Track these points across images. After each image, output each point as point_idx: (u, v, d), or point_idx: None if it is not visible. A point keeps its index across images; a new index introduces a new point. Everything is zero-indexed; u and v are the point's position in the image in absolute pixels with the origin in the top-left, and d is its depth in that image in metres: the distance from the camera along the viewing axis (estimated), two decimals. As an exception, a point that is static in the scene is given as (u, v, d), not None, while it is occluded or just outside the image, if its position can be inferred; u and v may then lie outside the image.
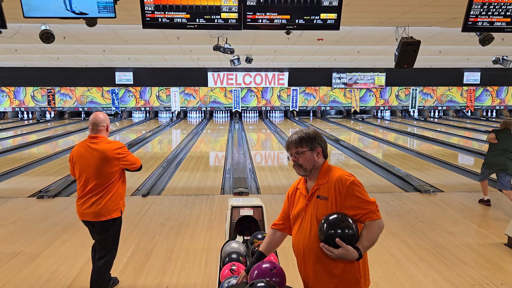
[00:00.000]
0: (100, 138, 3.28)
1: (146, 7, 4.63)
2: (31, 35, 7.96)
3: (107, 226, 3.26)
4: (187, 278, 3.75)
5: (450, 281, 3.67)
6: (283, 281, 2.23)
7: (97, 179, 3.20)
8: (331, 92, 21.29)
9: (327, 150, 2.14)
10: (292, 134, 2.13)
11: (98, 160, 3.19)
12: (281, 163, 10.14)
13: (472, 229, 5.03)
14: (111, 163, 3.21)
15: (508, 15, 4.99)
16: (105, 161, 3.19)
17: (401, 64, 6.99)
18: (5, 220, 5.37)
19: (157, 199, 6.36)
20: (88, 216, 3.23)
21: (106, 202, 3.21)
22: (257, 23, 4.75)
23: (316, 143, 2.07)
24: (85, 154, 3.24)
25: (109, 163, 3.20)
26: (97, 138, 3.27)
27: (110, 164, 3.21)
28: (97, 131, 3.28)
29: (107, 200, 3.21)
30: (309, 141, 2.06)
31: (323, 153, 2.09)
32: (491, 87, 21.63)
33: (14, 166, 8.78)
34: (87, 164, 3.21)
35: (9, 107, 20.59)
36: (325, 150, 2.11)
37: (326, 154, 2.12)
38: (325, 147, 2.12)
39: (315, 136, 2.08)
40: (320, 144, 2.08)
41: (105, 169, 3.20)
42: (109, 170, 3.21)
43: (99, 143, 3.24)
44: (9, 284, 3.64)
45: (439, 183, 7.35)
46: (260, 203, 3.20)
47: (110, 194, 3.23)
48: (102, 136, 3.30)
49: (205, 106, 21.05)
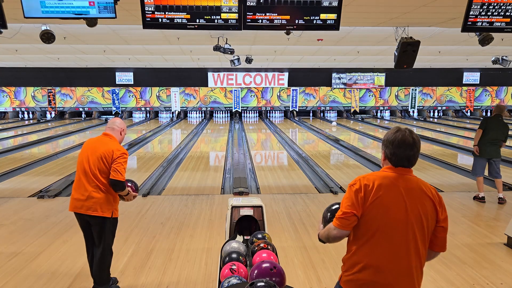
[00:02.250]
0: (112, 137, 3.39)
1: (146, 8, 4.64)
2: (32, 35, 7.96)
3: (99, 223, 3.29)
4: (188, 278, 3.76)
5: (450, 280, 3.68)
6: (283, 280, 2.24)
7: (96, 171, 3.25)
8: (331, 92, 21.30)
9: (391, 156, 2.01)
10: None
11: (102, 153, 3.26)
12: (281, 163, 10.15)
13: (472, 229, 5.03)
14: (111, 160, 3.26)
15: (508, 15, 5.00)
16: (108, 157, 3.25)
17: (401, 64, 7.00)
18: (6, 220, 5.38)
19: (158, 199, 6.37)
20: (82, 209, 3.26)
21: (100, 198, 3.25)
22: (257, 24, 4.76)
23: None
24: (93, 145, 3.34)
25: (110, 159, 3.25)
26: (109, 136, 3.40)
27: (109, 161, 3.26)
28: (112, 129, 3.43)
29: (101, 196, 3.25)
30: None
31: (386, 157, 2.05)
32: (490, 87, 21.63)
33: (14, 166, 8.79)
34: (92, 153, 3.28)
35: (9, 107, 20.59)
36: (387, 155, 2.02)
37: (389, 158, 2.02)
38: (388, 153, 2.02)
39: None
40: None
41: (105, 164, 3.25)
42: (107, 166, 3.26)
43: (109, 142, 3.34)
44: (9, 284, 3.65)
45: (439, 183, 7.36)
46: (260, 203, 3.21)
47: (104, 191, 3.27)
48: (114, 137, 3.40)
49: (205, 106, 21.06)
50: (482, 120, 6.28)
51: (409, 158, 1.95)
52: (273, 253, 2.64)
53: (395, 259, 1.89)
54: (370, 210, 1.90)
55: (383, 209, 1.89)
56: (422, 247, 1.92)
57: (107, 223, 3.32)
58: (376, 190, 1.90)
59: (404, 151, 1.94)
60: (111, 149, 3.28)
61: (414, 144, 1.94)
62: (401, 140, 1.94)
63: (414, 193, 1.93)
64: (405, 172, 1.97)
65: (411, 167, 1.98)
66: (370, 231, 1.90)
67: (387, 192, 1.90)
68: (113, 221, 3.38)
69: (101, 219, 3.29)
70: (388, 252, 1.89)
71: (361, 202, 1.90)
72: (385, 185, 1.92)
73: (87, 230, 3.39)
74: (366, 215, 1.90)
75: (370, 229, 1.90)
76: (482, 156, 6.16)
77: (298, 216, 5.46)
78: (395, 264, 1.89)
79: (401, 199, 1.90)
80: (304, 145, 12.48)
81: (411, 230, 1.89)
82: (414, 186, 1.95)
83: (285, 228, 5.06)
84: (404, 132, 1.95)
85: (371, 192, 1.90)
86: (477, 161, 6.21)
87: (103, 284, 3.38)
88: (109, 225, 3.34)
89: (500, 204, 6.03)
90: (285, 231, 4.94)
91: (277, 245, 3.35)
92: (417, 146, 1.95)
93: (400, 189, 1.91)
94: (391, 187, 1.92)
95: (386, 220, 1.89)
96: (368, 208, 1.90)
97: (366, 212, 1.90)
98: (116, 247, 4.45)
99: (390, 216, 1.89)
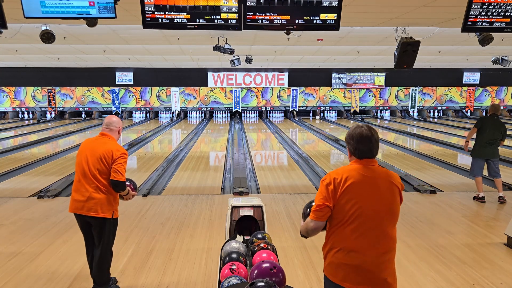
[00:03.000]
0: (110, 137, 3.40)
1: (146, 8, 4.64)
2: (32, 35, 7.97)
3: (100, 224, 3.30)
4: (188, 278, 3.76)
5: (449, 281, 3.68)
6: (283, 280, 2.24)
7: (96, 172, 3.25)
8: (331, 92, 21.30)
9: (354, 151, 2.22)
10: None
11: (101, 154, 3.25)
12: (281, 163, 10.15)
13: (472, 229, 5.03)
14: (111, 160, 3.26)
15: (508, 15, 5.00)
16: (108, 158, 3.25)
17: (401, 64, 7.01)
18: (6, 220, 5.38)
19: (158, 199, 6.37)
20: (83, 210, 3.26)
21: (100, 199, 3.25)
22: (257, 24, 4.76)
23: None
24: (92, 146, 3.34)
25: (110, 159, 3.26)
26: (107, 136, 3.40)
27: (109, 162, 3.26)
28: (110, 130, 3.43)
29: (101, 197, 3.26)
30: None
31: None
32: (490, 87, 21.64)
33: (14, 166, 8.79)
34: (91, 154, 3.28)
35: (9, 107, 20.60)
36: (351, 150, 2.23)
37: (353, 153, 2.22)
38: (351, 148, 2.23)
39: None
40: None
41: (105, 165, 3.26)
42: (107, 167, 3.26)
43: (107, 142, 3.34)
44: (9, 284, 3.65)
45: (439, 183, 7.36)
46: (260, 203, 3.21)
47: (104, 191, 3.27)
48: (112, 136, 3.40)
49: (205, 106, 21.06)
50: (478, 119, 6.29)
51: (370, 149, 2.17)
52: (273, 253, 2.64)
53: (366, 242, 2.08)
54: (341, 200, 2.09)
55: (353, 198, 2.08)
56: (390, 229, 2.13)
57: (108, 224, 3.32)
58: (345, 182, 2.09)
59: (365, 144, 2.16)
60: (110, 149, 3.27)
61: (372, 136, 2.17)
62: (359, 135, 2.17)
63: (380, 180, 2.14)
64: (370, 162, 2.17)
65: (374, 158, 2.19)
66: (343, 219, 2.09)
67: (355, 182, 2.10)
68: (113, 221, 3.38)
69: (101, 220, 3.29)
70: (359, 236, 2.08)
71: (332, 194, 2.09)
72: (353, 176, 2.11)
73: (87, 231, 3.39)
74: (338, 205, 2.09)
75: (342, 217, 2.09)
76: (479, 157, 6.16)
77: (298, 216, 5.46)
78: (367, 246, 2.08)
79: (368, 187, 2.11)
80: (304, 145, 12.49)
81: (379, 214, 2.09)
82: (379, 174, 2.16)
83: (285, 228, 5.06)
84: (362, 127, 2.19)
85: (340, 184, 2.09)
86: (475, 162, 6.21)
87: (103, 284, 3.37)
88: (109, 226, 3.34)
89: (501, 204, 6.03)
90: (285, 231, 4.94)
91: (277, 245, 3.35)
92: (375, 137, 2.18)
93: (366, 179, 2.12)
94: (358, 177, 2.12)
95: (356, 207, 2.08)
96: (339, 198, 2.09)
97: (337, 202, 2.09)
98: (116, 247, 4.45)
99: (359, 203, 2.08)
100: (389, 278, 2.12)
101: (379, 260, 2.09)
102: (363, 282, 2.07)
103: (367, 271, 2.07)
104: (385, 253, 2.11)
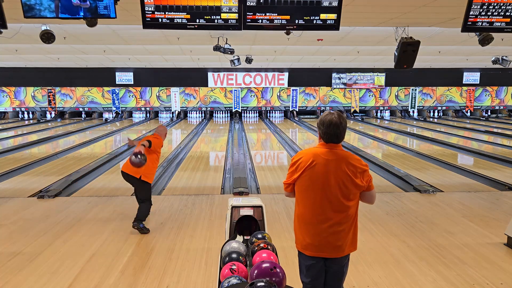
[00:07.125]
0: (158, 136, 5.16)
1: (146, 8, 4.64)
2: (32, 35, 7.96)
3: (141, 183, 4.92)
4: (187, 278, 3.76)
5: (449, 281, 3.68)
6: (283, 281, 2.23)
7: None
8: (331, 92, 21.30)
9: (323, 135, 2.50)
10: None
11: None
12: (281, 163, 10.15)
13: (471, 229, 5.03)
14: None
15: (508, 15, 5.00)
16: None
17: (401, 64, 7.00)
18: (6, 220, 5.38)
19: (158, 199, 6.36)
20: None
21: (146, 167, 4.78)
22: (257, 24, 4.76)
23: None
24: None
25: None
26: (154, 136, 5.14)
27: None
28: (164, 135, 5.33)
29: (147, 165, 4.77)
30: None
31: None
32: (490, 87, 21.64)
33: (14, 166, 8.79)
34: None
35: (9, 107, 20.59)
36: (321, 134, 2.52)
37: (322, 137, 2.52)
38: (321, 132, 2.52)
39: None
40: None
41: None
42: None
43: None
44: (9, 284, 3.65)
45: (439, 183, 7.36)
46: (260, 203, 3.21)
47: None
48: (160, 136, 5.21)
49: (205, 106, 21.06)
50: None
51: (337, 135, 2.44)
52: (273, 253, 2.64)
53: (318, 212, 2.45)
54: (302, 176, 2.46)
55: (312, 176, 2.43)
56: (345, 202, 2.43)
57: (146, 184, 5.02)
58: (309, 161, 2.44)
59: (333, 130, 2.42)
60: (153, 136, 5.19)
61: (340, 123, 2.42)
62: (329, 121, 2.43)
63: (339, 162, 2.43)
64: (334, 147, 2.47)
65: (339, 143, 2.48)
66: (302, 193, 2.48)
67: (317, 162, 2.43)
68: (147, 184, 5.02)
69: (141, 180, 4.96)
70: (313, 207, 2.45)
71: (296, 170, 2.48)
72: (316, 156, 2.44)
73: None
74: (299, 181, 2.48)
75: (302, 190, 2.48)
76: None
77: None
78: (319, 215, 2.44)
79: (327, 167, 2.42)
80: (304, 145, 12.49)
81: (333, 189, 2.41)
82: (340, 157, 2.45)
83: (285, 228, 5.06)
84: (332, 114, 2.44)
85: (305, 163, 2.44)
86: None
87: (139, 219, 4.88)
88: (147, 186, 5.03)
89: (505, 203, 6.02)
90: (285, 231, 4.94)
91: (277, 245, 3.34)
92: (343, 125, 2.44)
93: (328, 160, 2.43)
94: (320, 158, 2.43)
95: (313, 183, 2.43)
96: (301, 175, 2.46)
97: (299, 178, 2.47)
98: (116, 247, 4.46)
99: (317, 180, 2.42)
100: (345, 246, 2.45)
101: (333, 230, 2.41)
102: (319, 250, 2.45)
103: (322, 240, 2.43)
104: (339, 224, 2.41)
